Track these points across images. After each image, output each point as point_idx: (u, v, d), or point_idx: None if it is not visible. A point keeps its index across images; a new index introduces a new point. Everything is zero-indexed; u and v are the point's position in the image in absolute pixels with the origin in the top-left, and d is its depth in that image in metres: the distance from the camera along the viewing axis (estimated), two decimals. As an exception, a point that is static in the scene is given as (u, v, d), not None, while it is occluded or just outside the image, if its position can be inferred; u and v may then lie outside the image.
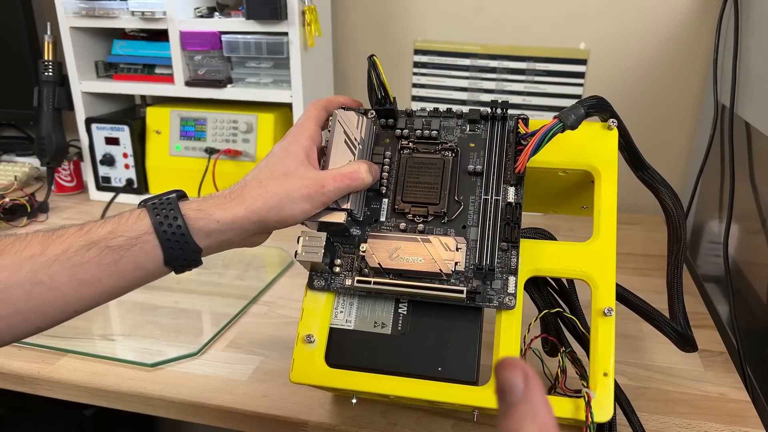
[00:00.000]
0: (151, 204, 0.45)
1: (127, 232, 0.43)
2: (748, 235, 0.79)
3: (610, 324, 0.47)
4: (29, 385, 0.65)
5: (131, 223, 0.44)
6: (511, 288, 0.48)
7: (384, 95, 0.53)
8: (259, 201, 0.46)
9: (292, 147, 0.49)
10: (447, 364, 0.48)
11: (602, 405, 0.45)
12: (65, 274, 0.42)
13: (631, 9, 1.04)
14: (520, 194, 0.50)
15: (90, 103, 1.10)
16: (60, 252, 0.42)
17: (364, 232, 0.51)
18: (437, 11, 1.13)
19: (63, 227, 0.44)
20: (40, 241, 0.42)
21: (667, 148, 1.10)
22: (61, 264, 0.42)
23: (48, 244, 0.42)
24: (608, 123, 0.52)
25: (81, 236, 0.43)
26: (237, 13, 0.98)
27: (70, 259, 0.42)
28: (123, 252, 0.43)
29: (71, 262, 0.42)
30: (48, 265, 0.41)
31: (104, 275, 0.43)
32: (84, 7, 1.02)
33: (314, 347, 0.50)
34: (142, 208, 0.45)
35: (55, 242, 0.42)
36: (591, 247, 0.49)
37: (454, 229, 0.50)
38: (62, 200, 1.16)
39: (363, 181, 0.49)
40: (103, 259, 0.42)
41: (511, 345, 0.48)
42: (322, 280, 0.51)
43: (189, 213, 0.45)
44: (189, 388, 0.61)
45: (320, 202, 0.47)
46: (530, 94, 1.13)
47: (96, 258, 0.42)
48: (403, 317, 0.50)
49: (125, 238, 0.43)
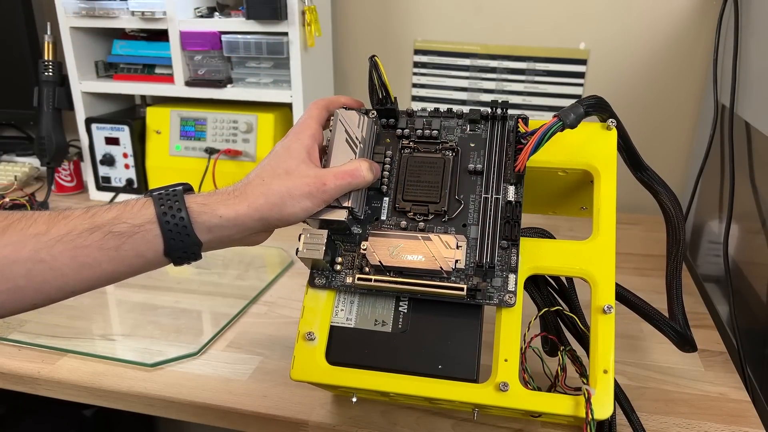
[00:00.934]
0: (157, 194, 0.46)
1: (131, 219, 0.44)
2: (748, 235, 0.79)
3: (609, 321, 0.47)
4: (29, 385, 0.65)
5: (136, 210, 0.45)
6: (511, 286, 0.48)
7: (385, 95, 0.53)
8: (261, 198, 0.46)
9: (294, 145, 0.49)
10: (447, 361, 0.48)
11: (602, 402, 0.45)
12: (67, 255, 0.42)
13: (631, 9, 1.04)
14: (520, 193, 0.50)
15: (90, 103, 1.10)
16: (64, 233, 0.42)
17: (365, 230, 0.52)
18: (437, 11, 1.13)
19: (70, 208, 0.45)
20: (46, 221, 0.43)
21: (667, 148, 1.10)
22: (64, 245, 0.42)
23: (53, 224, 0.43)
24: (607, 123, 0.52)
25: (86, 219, 0.44)
26: (237, 13, 0.98)
27: (73, 240, 0.42)
28: (125, 238, 0.44)
29: (74, 243, 0.42)
30: (51, 245, 0.42)
31: (105, 260, 0.43)
32: (84, 7, 1.02)
33: (315, 345, 0.50)
34: (147, 197, 0.46)
35: (60, 223, 0.43)
36: (590, 245, 0.50)
37: (455, 228, 0.51)
38: (62, 200, 1.16)
39: (364, 178, 0.49)
40: (105, 243, 0.43)
41: (511, 343, 0.48)
42: (323, 278, 0.51)
43: (193, 206, 0.46)
44: (189, 388, 0.61)
45: (322, 200, 0.48)
46: (530, 94, 1.13)
47: (98, 242, 0.43)
48: (404, 315, 0.50)
49: (128, 225, 0.44)
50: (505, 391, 0.46)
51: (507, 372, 0.47)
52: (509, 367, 0.47)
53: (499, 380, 0.47)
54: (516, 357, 0.47)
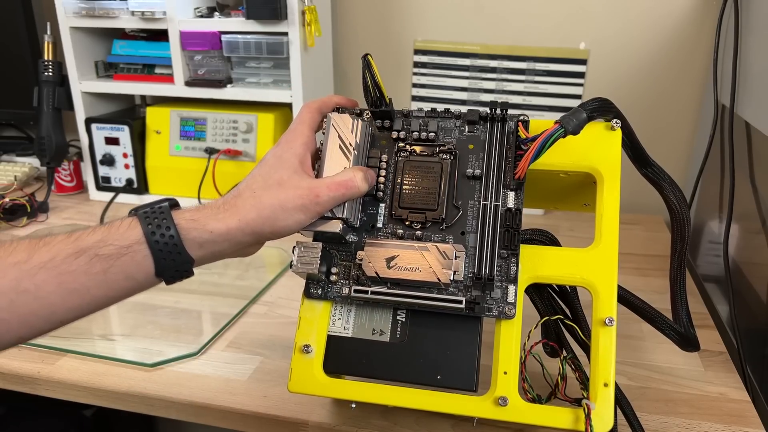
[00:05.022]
0: (143, 213, 0.44)
1: (118, 241, 0.42)
2: (748, 235, 0.79)
3: (610, 334, 0.46)
4: (29, 385, 0.65)
5: (122, 231, 0.43)
6: (510, 297, 0.47)
7: (379, 96, 0.51)
8: (253, 212, 0.45)
9: (286, 155, 0.48)
10: (446, 372, 0.48)
11: (602, 416, 0.45)
12: (52, 282, 0.40)
13: (631, 9, 1.04)
14: (520, 200, 0.49)
15: (90, 103, 1.10)
16: (47, 259, 0.40)
17: (361, 238, 0.51)
18: (437, 11, 1.13)
19: (51, 234, 0.42)
20: (26, 248, 0.41)
21: (667, 148, 1.10)
22: (47, 272, 0.40)
23: (34, 251, 0.40)
24: (611, 124, 0.51)
25: (69, 243, 0.41)
26: (237, 13, 0.98)
27: (57, 267, 0.40)
28: (112, 261, 0.42)
29: (58, 270, 0.40)
30: (33, 273, 0.40)
31: (92, 285, 0.41)
32: (84, 7, 1.02)
33: (312, 357, 0.50)
34: (133, 217, 0.44)
35: (41, 249, 0.41)
36: (592, 254, 0.49)
37: (453, 236, 0.49)
38: (62, 200, 1.16)
39: (358, 189, 0.48)
40: (92, 267, 0.41)
41: (510, 353, 0.47)
42: (318, 289, 0.51)
43: (182, 223, 0.44)
44: (189, 388, 0.61)
45: (315, 212, 0.46)
46: (530, 94, 1.13)
47: (84, 266, 0.41)
48: (402, 325, 0.50)
49: (115, 247, 0.42)
50: (504, 406, 0.46)
51: (506, 386, 0.46)
52: (508, 380, 0.46)
53: (498, 394, 0.46)
54: (515, 369, 0.47)
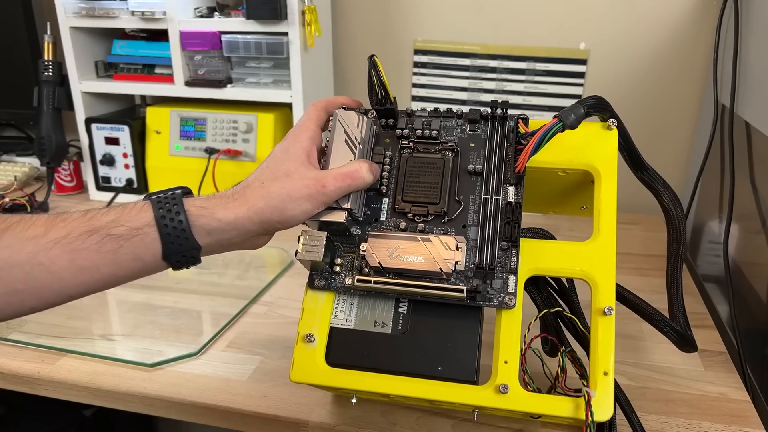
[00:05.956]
0: (156, 197, 0.46)
1: (129, 222, 0.44)
2: (748, 235, 0.79)
3: (610, 323, 0.47)
4: (29, 385, 0.65)
5: (134, 214, 0.45)
6: (511, 287, 0.48)
7: (384, 95, 0.53)
8: (261, 202, 0.46)
9: (293, 148, 0.49)
10: (447, 363, 0.48)
11: (602, 404, 0.45)
12: (65, 258, 0.42)
13: (632, 9, 1.04)
14: (520, 194, 0.50)
15: (90, 103, 1.10)
16: (62, 236, 0.42)
17: (365, 231, 0.51)
18: (437, 11, 1.13)
19: (68, 211, 0.44)
20: (44, 223, 0.43)
21: (667, 148, 1.10)
22: (61, 248, 0.42)
23: (51, 227, 0.43)
24: (608, 123, 0.52)
25: (84, 222, 0.43)
26: (237, 13, 0.98)
27: (70, 243, 0.42)
28: (123, 242, 0.43)
29: (71, 246, 0.42)
30: (49, 248, 0.42)
31: (102, 263, 0.43)
32: (84, 7, 1.02)
33: (314, 346, 0.50)
34: (146, 201, 0.46)
35: (58, 225, 0.43)
36: (591, 247, 0.50)
37: (455, 229, 0.50)
38: (62, 200, 1.16)
39: (364, 180, 0.49)
40: (103, 246, 0.43)
41: (511, 344, 0.48)
42: (322, 280, 0.51)
43: (192, 209, 0.45)
44: (189, 388, 0.61)
45: (321, 202, 0.47)
46: (530, 94, 1.13)
47: (96, 245, 0.43)
48: (404, 316, 0.50)
49: (126, 228, 0.44)
50: (504, 393, 0.46)
51: (507, 374, 0.47)
52: (509, 369, 0.47)
53: (499, 382, 0.47)
54: (516, 359, 0.47)
